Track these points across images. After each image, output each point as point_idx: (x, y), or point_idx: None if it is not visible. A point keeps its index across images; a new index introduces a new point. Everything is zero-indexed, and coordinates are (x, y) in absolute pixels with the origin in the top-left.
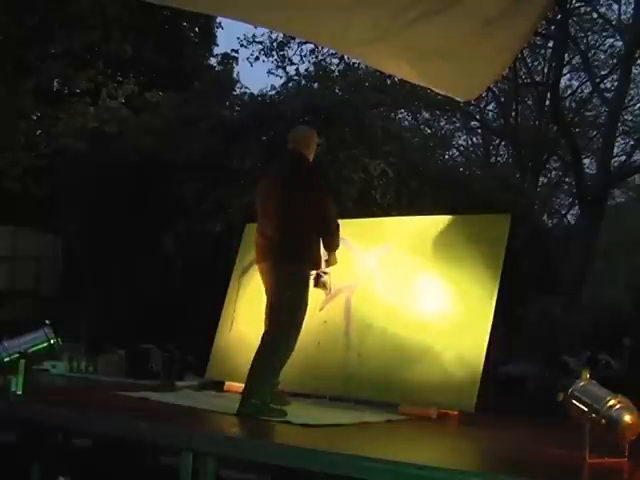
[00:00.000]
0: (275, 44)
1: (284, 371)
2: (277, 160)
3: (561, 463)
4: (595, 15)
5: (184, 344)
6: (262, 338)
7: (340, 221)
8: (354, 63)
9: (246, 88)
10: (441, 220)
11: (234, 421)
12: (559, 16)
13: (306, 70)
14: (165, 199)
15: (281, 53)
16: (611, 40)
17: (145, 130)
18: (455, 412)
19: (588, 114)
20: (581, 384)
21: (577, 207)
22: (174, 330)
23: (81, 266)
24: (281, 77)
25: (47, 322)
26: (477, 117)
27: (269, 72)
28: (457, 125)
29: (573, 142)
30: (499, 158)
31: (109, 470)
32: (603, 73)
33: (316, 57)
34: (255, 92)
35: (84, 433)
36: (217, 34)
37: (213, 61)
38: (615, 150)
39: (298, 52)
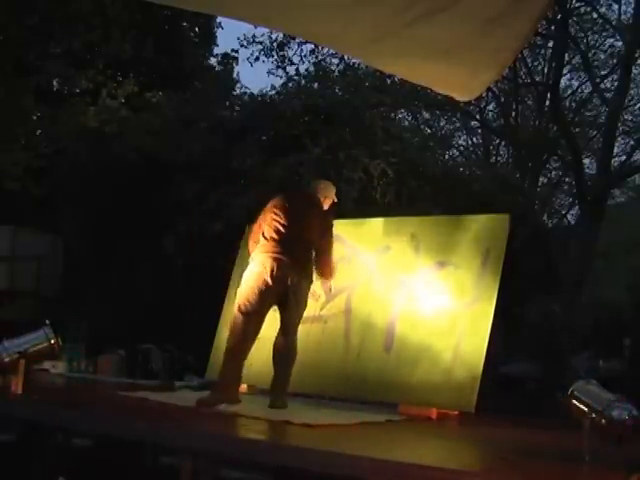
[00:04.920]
0: (275, 44)
1: None
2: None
3: (561, 463)
4: (595, 15)
5: (184, 344)
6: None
7: (340, 221)
8: (354, 63)
9: (246, 88)
10: (441, 220)
11: (234, 421)
12: (559, 16)
13: (306, 70)
14: (165, 199)
15: (281, 53)
16: (611, 40)
17: (145, 130)
18: (455, 412)
19: (588, 114)
20: (581, 384)
21: (577, 207)
22: (174, 330)
23: (81, 266)
24: (281, 77)
25: (47, 322)
26: (477, 117)
27: (269, 72)
28: (457, 125)
29: (573, 142)
30: (499, 158)
31: (109, 470)
32: (603, 73)
33: (316, 57)
34: (255, 92)
35: (84, 433)
36: (217, 34)
37: (213, 61)
38: (615, 150)
39: (298, 52)
